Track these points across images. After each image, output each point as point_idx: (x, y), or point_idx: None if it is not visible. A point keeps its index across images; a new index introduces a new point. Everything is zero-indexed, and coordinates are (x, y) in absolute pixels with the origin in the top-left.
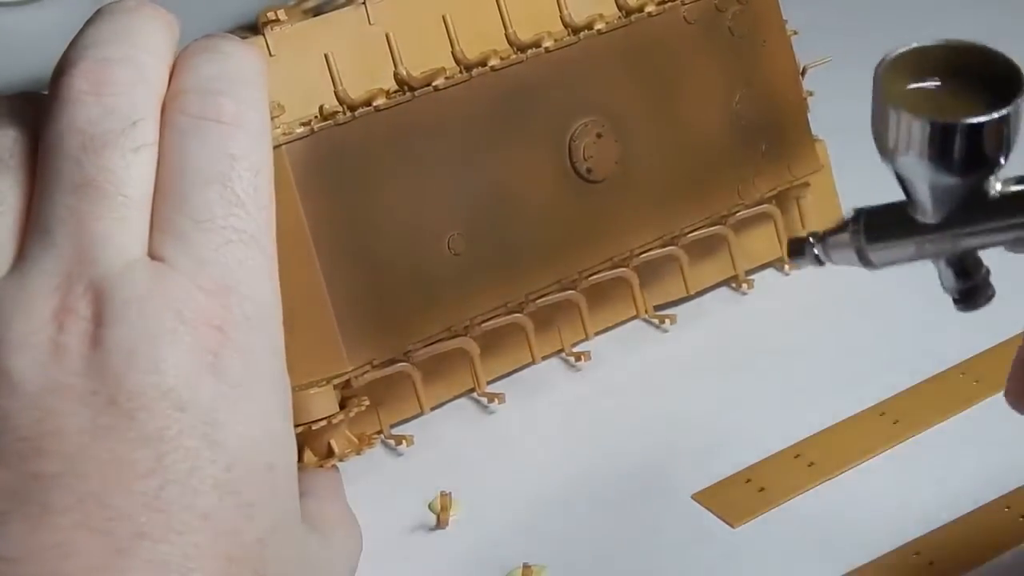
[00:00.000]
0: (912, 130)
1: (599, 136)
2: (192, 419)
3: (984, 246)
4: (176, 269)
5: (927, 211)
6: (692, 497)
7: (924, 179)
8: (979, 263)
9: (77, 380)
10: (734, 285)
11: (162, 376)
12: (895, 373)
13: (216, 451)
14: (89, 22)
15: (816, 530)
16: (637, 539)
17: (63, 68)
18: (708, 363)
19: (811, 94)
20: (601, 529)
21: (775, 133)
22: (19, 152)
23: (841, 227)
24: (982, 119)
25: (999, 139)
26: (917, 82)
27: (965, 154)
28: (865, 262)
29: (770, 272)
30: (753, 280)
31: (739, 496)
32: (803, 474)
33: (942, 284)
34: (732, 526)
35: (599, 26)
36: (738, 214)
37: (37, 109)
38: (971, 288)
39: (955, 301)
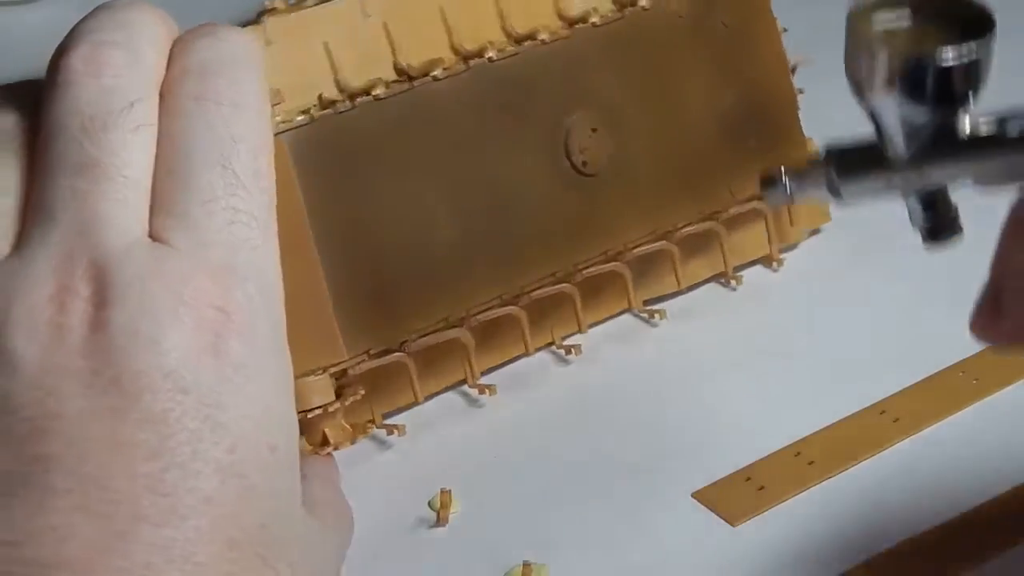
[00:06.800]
0: (884, 65)
1: (594, 130)
2: (194, 401)
3: (952, 182)
4: (177, 250)
5: (897, 147)
6: (692, 496)
7: (895, 114)
8: (948, 201)
9: (79, 361)
10: (723, 281)
11: (164, 357)
12: (895, 372)
13: (219, 433)
14: (86, 16)
15: (816, 529)
16: (637, 537)
17: (60, 52)
18: (707, 361)
19: (801, 92)
20: (601, 528)
21: (765, 129)
22: (20, 135)
23: (813, 163)
24: (951, 53)
25: (968, 75)
26: (888, 20)
27: (935, 88)
28: (836, 196)
29: (758, 269)
30: (742, 276)
31: (739, 495)
32: (803, 472)
33: (911, 221)
34: (732, 525)
35: (594, 19)
36: (730, 211)
37: (36, 95)
38: (939, 225)
39: (924, 238)
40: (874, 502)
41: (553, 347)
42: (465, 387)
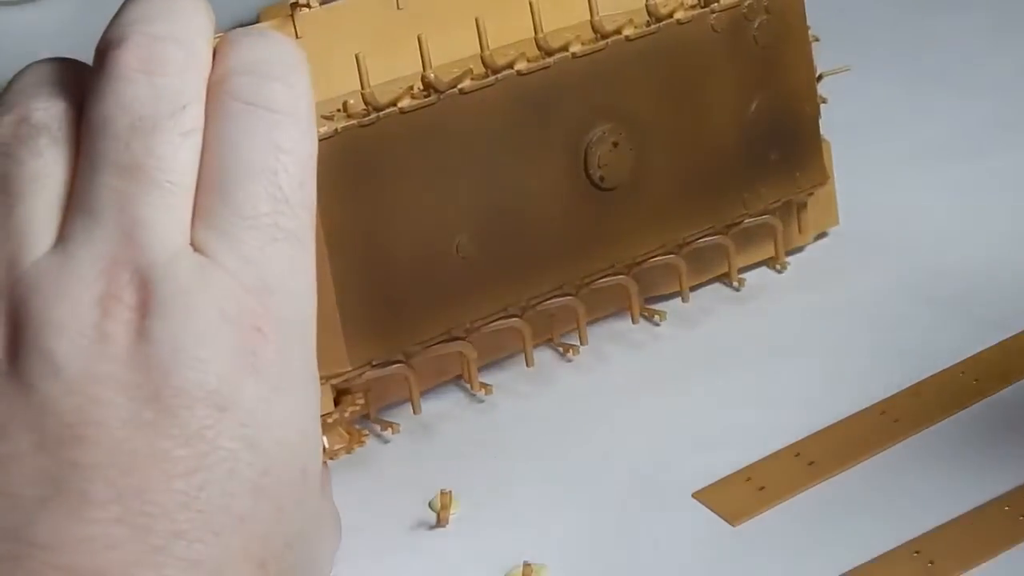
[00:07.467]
0: None
1: (615, 145)
2: (233, 420)
3: None
4: (220, 266)
5: None
6: (692, 496)
7: None
8: None
9: (121, 370)
10: (726, 281)
11: (206, 375)
12: (895, 372)
13: (254, 454)
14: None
15: (816, 529)
16: (637, 538)
17: (110, 42)
18: (708, 360)
19: (824, 100)
20: (601, 528)
21: (787, 143)
22: (67, 123)
23: None
24: None
25: None
26: None
27: None
28: None
29: (762, 270)
30: (744, 278)
31: (739, 495)
32: (803, 473)
33: None
34: (732, 525)
35: (628, 32)
36: (741, 224)
37: (83, 78)
38: None
39: None
40: (874, 502)
41: (551, 343)
42: (463, 382)
